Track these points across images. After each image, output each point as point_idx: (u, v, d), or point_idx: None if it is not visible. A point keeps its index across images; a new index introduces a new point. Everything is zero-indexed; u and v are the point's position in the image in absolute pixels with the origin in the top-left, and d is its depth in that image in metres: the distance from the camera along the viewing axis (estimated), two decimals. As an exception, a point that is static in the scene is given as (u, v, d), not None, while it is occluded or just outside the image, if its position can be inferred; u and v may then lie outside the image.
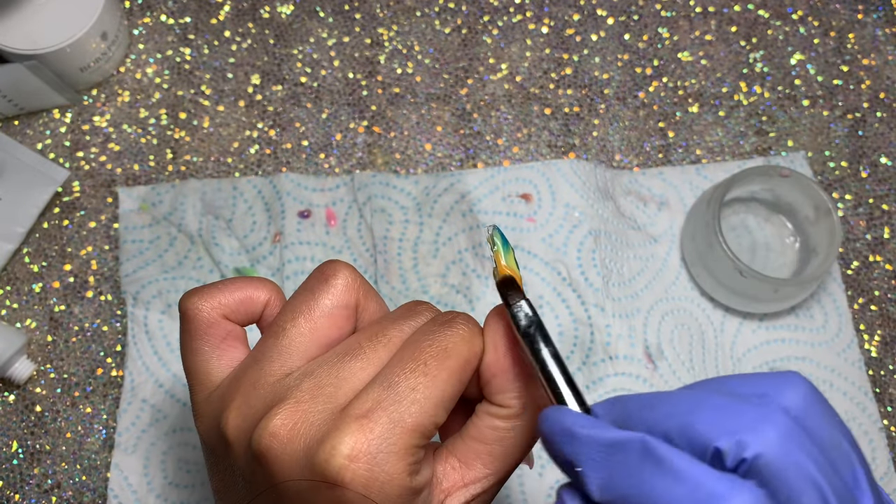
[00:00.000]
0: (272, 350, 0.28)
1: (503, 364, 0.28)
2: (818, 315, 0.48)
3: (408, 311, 0.30)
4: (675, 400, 0.24)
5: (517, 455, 0.29)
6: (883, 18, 0.55)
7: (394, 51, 0.53)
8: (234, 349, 0.30)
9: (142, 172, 0.50)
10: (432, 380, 0.26)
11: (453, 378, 0.27)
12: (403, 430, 0.25)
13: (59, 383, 0.46)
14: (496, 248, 0.28)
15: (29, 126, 0.51)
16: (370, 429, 0.25)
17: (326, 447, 0.25)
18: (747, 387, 0.24)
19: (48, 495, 0.44)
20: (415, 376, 0.26)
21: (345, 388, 0.27)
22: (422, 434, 0.26)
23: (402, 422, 0.25)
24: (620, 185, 0.50)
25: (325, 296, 0.29)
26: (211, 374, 0.30)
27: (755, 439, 0.22)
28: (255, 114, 0.51)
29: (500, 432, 0.28)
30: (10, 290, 0.48)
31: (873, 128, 0.52)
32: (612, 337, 0.46)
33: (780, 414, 0.22)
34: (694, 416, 0.23)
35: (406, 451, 0.25)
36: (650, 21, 0.55)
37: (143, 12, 0.54)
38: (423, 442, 0.26)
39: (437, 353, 0.27)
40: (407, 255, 0.48)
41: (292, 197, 0.48)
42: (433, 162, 0.50)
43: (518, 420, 0.28)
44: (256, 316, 0.31)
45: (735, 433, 0.22)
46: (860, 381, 0.46)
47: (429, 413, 0.26)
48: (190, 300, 0.29)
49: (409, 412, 0.26)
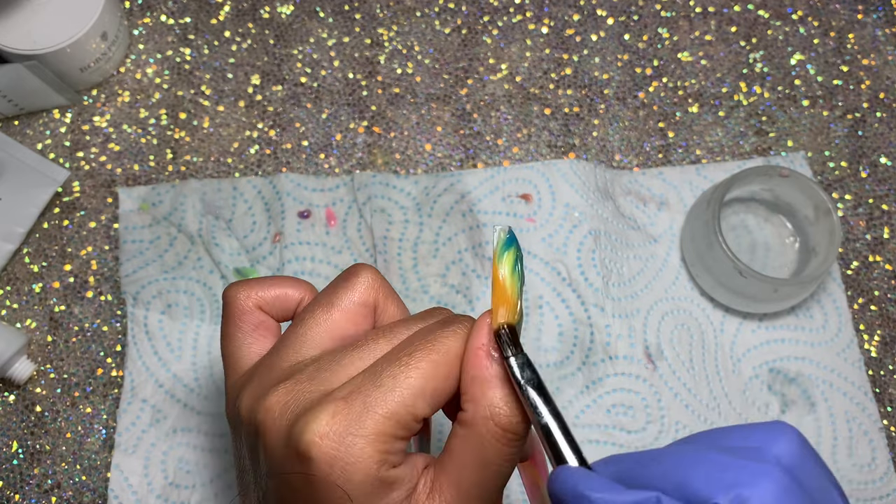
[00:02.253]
0: (290, 338, 0.30)
1: (467, 366, 0.28)
2: (818, 315, 0.48)
3: (422, 314, 0.30)
4: (671, 457, 0.24)
5: (477, 471, 0.27)
6: (883, 18, 0.55)
7: (394, 51, 0.53)
8: (264, 339, 0.32)
9: (142, 172, 0.50)
10: (413, 370, 0.27)
11: (436, 371, 0.27)
12: (376, 416, 0.26)
13: (59, 383, 0.46)
14: (502, 277, 0.27)
15: (29, 126, 0.51)
16: (345, 411, 0.26)
17: (301, 422, 0.26)
18: (740, 440, 0.25)
19: (48, 495, 0.44)
20: (398, 366, 0.27)
21: (340, 375, 0.28)
22: (397, 422, 0.26)
23: (376, 407, 0.26)
24: (620, 185, 0.50)
25: (345, 293, 0.30)
26: (241, 360, 0.31)
27: (753, 493, 0.22)
28: (255, 114, 0.51)
29: (458, 440, 0.28)
30: (10, 290, 0.48)
31: (873, 128, 0.52)
32: (612, 337, 0.46)
33: (775, 468, 0.23)
34: (691, 473, 0.23)
35: (377, 437, 0.26)
36: (650, 21, 0.55)
37: (143, 12, 0.54)
38: (398, 432, 0.26)
39: (424, 346, 0.27)
40: (407, 255, 0.48)
41: (292, 197, 0.48)
42: (433, 162, 0.50)
43: (467, 428, 0.27)
44: (290, 313, 0.32)
45: (733, 488, 0.22)
46: (860, 381, 0.46)
47: (405, 402, 0.26)
48: (231, 289, 0.32)
49: (384, 399, 0.26)
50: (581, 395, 0.45)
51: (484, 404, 0.27)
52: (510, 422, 0.27)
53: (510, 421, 0.27)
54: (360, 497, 0.26)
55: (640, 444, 0.44)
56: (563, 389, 0.45)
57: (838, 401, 0.46)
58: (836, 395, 0.46)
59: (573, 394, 0.45)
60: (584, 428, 0.44)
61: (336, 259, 0.48)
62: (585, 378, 0.45)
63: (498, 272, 0.27)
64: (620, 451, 0.44)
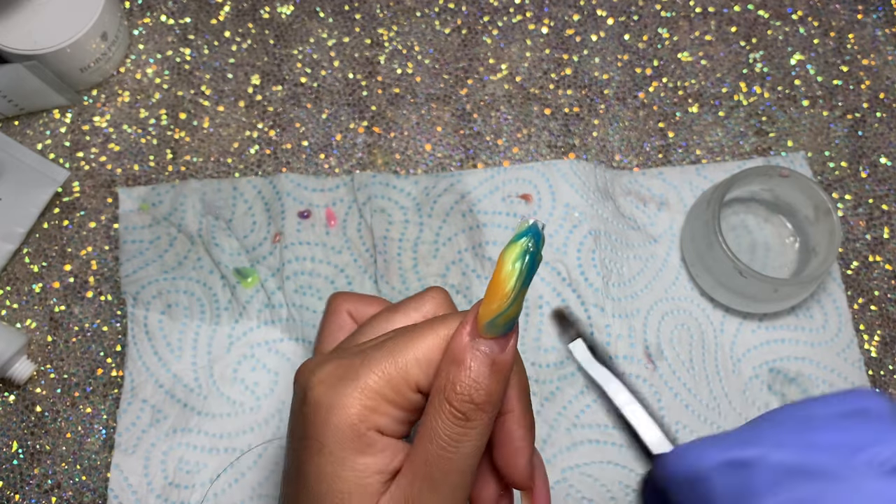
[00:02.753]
0: (359, 328, 0.33)
1: (448, 343, 0.28)
2: (818, 315, 0.48)
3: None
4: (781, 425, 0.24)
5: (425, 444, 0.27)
6: (883, 18, 0.55)
7: (394, 51, 0.53)
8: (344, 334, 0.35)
9: (142, 173, 0.50)
10: (415, 338, 0.28)
11: (435, 343, 0.28)
12: (368, 371, 0.27)
13: (59, 383, 0.46)
14: (503, 267, 0.27)
15: (29, 126, 0.51)
16: (346, 364, 0.28)
17: (311, 371, 0.29)
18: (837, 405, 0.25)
19: (48, 495, 0.44)
20: (405, 333, 0.29)
21: (359, 342, 0.31)
22: (387, 381, 0.27)
23: (371, 364, 0.28)
24: (620, 185, 0.50)
25: (412, 302, 0.33)
26: (322, 347, 0.35)
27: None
28: (255, 114, 0.51)
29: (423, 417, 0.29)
30: (10, 290, 0.48)
31: (873, 128, 0.52)
32: (612, 337, 0.46)
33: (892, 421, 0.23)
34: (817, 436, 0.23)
35: (364, 390, 0.27)
36: (650, 21, 0.55)
37: (143, 12, 0.54)
38: (387, 392, 0.27)
39: (431, 323, 0.29)
40: (407, 255, 0.48)
41: (292, 197, 0.48)
42: (433, 162, 0.50)
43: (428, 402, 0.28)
44: None
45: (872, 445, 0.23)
46: (860, 381, 0.46)
47: (398, 364, 0.28)
48: (333, 295, 0.36)
49: (380, 358, 0.28)
50: (581, 395, 0.45)
51: (444, 376, 0.27)
52: (457, 398, 0.27)
53: (457, 397, 0.27)
54: (332, 444, 0.27)
55: (640, 444, 0.45)
56: (563, 389, 0.45)
57: (838, 401, 0.46)
58: (836, 395, 0.46)
59: (573, 394, 0.45)
60: (584, 428, 0.44)
61: (336, 259, 0.48)
62: (586, 378, 0.45)
63: (500, 258, 0.27)
64: (620, 451, 0.44)
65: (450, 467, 0.27)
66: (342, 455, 0.27)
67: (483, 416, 0.27)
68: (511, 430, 0.29)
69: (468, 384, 0.27)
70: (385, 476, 0.28)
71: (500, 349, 0.27)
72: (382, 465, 0.27)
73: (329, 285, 0.47)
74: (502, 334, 0.27)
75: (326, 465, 0.27)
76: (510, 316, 0.27)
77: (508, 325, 0.27)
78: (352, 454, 0.27)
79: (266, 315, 0.46)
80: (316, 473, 0.27)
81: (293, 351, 0.46)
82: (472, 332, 0.27)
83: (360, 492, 0.27)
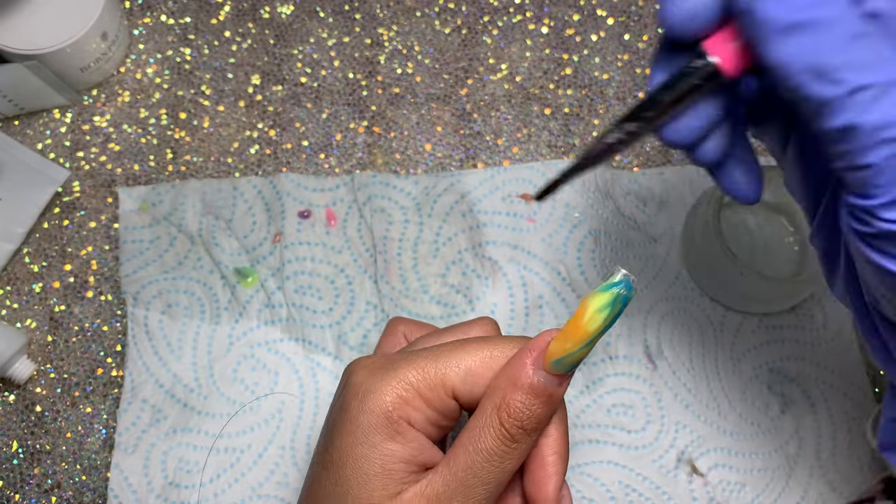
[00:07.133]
0: (410, 344, 0.35)
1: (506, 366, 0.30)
2: (818, 315, 0.48)
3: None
4: None
5: (469, 454, 0.29)
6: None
7: (394, 51, 0.53)
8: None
9: (142, 172, 0.50)
10: (460, 349, 0.30)
11: (478, 355, 0.30)
12: (408, 365, 0.29)
13: (59, 383, 0.46)
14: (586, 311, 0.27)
15: (29, 126, 0.51)
16: (392, 358, 0.30)
17: (361, 358, 0.31)
18: None
19: (48, 495, 0.44)
20: (451, 344, 0.30)
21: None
22: (424, 377, 0.29)
23: (412, 361, 0.29)
24: (620, 185, 0.50)
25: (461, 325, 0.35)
26: None
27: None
28: (255, 114, 0.51)
29: (464, 431, 0.29)
30: (10, 290, 0.48)
31: (873, 128, 0.52)
32: (612, 337, 0.46)
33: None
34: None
35: (402, 381, 0.29)
36: (650, 21, 0.55)
37: (143, 12, 0.54)
38: (423, 389, 0.29)
39: (480, 340, 0.30)
40: (407, 255, 0.48)
41: (292, 197, 0.48)
42: (433, 162, 0.50)
43: (475, 416, 0.29)
44: None
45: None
46: (860, 381, 0.46)
47: (438, 366, 0.29)
48: (392, 319, 0.38)
49: (424, 358, 0.30)
50: (581, 395, 0.45)
51: (500, 395, 0.28)
52: (508, 420, 0.28)
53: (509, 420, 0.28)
54: (365, 425, 0.28)
55: (639, 443, 0.44)
56: (563, 389, 0.45)
57: (838, 401, 0.46)
58: (836, 395, 0.46)
59: (573, 394, 0.45)
60: (584, 428, 0.44)
61: (336, 259, 0.48)
62: (585, 378, 0.45)
63: (585, 303, 0.27)
64: (620, 451, 0.44)
65: (488, 478, 0.29)
66: (373, 438, 0.28)
67: (529, 440, 0.29)
68: (545, 455, 0.30)
69: (522, 410, 0.28)
70: (411, 467, 0.29)
71: (558, 383, 0.29)
72: (409, 455, 0.29)
73: (329, 285, 0.47)
74: (565, 373, 0.28)
75: (356, 445, 0.28)
76: (578, 358, 0.28)
77: (573, 365, 0.28)
78: (381, 438, 0.28)
79: (266, 315, 0.46)
80: (345, 453, 0.29)
81: (293, 351, 0.46)
82: (535, 362, 0.28)
83: (384, 476, 0.28)
